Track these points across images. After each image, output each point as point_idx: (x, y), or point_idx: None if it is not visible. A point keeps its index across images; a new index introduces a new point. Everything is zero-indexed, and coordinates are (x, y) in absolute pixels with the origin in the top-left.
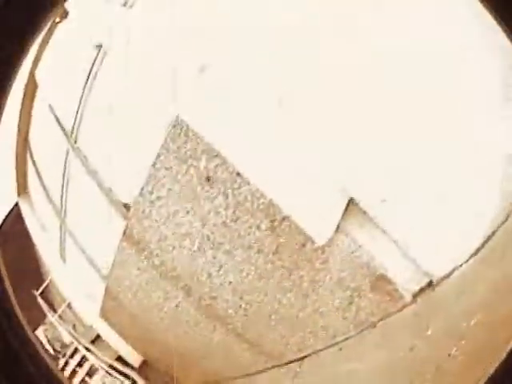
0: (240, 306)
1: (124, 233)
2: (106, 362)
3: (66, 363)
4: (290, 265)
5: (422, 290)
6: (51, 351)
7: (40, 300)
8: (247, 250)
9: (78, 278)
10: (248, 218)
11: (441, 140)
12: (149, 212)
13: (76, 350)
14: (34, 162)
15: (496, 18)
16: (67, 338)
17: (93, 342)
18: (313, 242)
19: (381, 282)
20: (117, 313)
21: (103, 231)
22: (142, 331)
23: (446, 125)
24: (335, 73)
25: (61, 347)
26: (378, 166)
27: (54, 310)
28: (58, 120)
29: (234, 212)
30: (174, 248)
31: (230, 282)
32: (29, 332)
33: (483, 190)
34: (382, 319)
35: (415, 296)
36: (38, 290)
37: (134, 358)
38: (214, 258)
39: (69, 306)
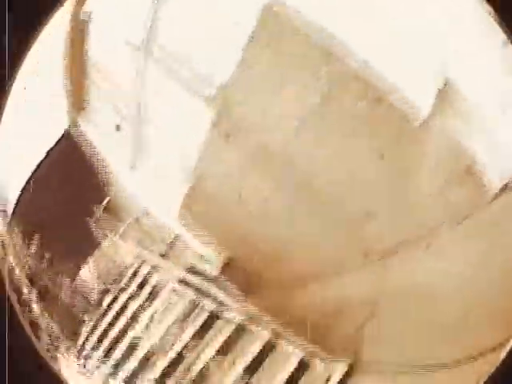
0: (335, 190)
1: (212, 123)
2: (177, 274)
3: (121, 290)
4: (384, 148)
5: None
6: (96, 292)
7: (96, 224)
8: (342, 132)
9: (154, 184)
10: (342, 99)
11: None
12: (238, 99)
13: (136, 273)
14: (97, 81)
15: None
16: (128, 259)
17: (164, 254)
18: (409, 124)
19: (472, 172)
20: (200, 211)
21: (186, 127)
22: (227, 228)
23: None
24: None
25: (118, 275)
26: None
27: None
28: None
29: (327, 92)
30: (266, 134)
31: (326, 166)
32: (29, 332)
33: None
34: (472, 213)
35: (503, 190)
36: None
37: (215, 262)
38: (309, 141)
39: (137, 218)
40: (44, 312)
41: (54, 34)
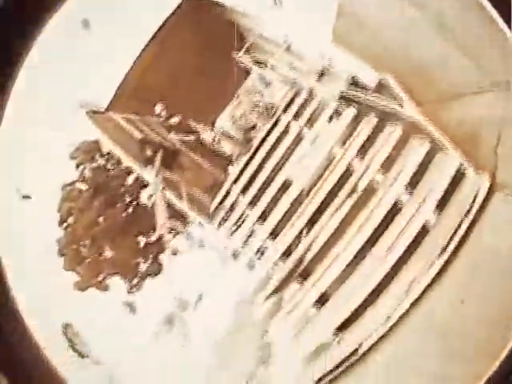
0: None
1: None
2: (338, 91)
3: (278, 121)
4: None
5: None
6: (241, 131)
7: (240, 61)
8: None
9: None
10: None
11: None
12: None
13: (292, 101)
14: None
15: None
16: (279, 92)
17: (321, 74)
18: (498, 27)
19: None
20: (354, 34)
21: None
22: (380, 48)
23: None
24: None
25: (267, 108)
26: None
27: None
28: None
29: None
30: None
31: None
32: (27, 329)
33: None
34: None
35: None
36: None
37: (369, 79)
38: None
39: (286, 49)
40: (171, 179)
41: None
